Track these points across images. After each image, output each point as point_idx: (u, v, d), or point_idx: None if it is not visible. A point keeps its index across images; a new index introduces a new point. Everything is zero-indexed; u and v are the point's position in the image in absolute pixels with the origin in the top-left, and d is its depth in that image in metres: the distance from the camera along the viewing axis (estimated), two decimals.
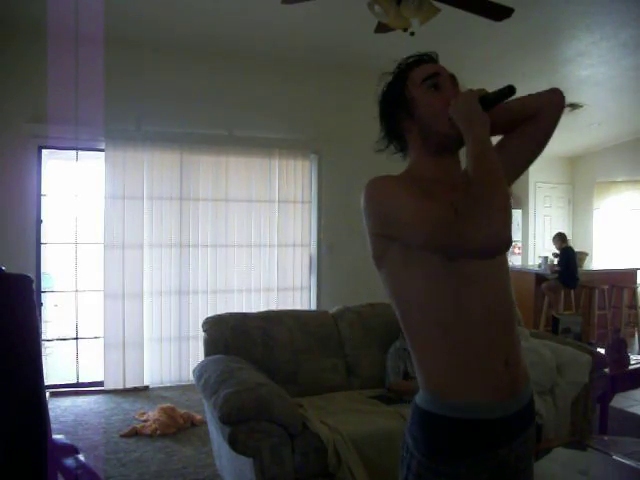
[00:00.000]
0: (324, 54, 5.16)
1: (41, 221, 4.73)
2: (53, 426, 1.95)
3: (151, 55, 4.86)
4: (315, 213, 5.57)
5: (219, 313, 3.40)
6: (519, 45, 4.93)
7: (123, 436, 3.68)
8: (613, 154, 8.03)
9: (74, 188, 5.15)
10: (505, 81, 1.22)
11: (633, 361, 3.82)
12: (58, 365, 5.46)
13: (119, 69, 4.62)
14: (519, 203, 8.22)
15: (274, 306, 5.15)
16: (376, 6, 2.89)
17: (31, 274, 1.81)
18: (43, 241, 4.77)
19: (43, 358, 1.83)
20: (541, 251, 8.18)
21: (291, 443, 2.41)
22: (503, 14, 3.13)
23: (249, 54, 5.06)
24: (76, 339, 5.15)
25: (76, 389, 4.73)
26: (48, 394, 4.24)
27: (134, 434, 3.71)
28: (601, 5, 4.23)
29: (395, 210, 1.13)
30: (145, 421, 3.89)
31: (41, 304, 4.81)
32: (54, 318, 6.84)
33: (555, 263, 6.82)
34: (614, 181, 8.24)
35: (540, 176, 8.35)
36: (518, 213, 8.29)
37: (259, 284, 5.31)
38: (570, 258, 6.55)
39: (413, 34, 3.03)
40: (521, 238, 8.49)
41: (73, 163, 5.06)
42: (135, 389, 4.78)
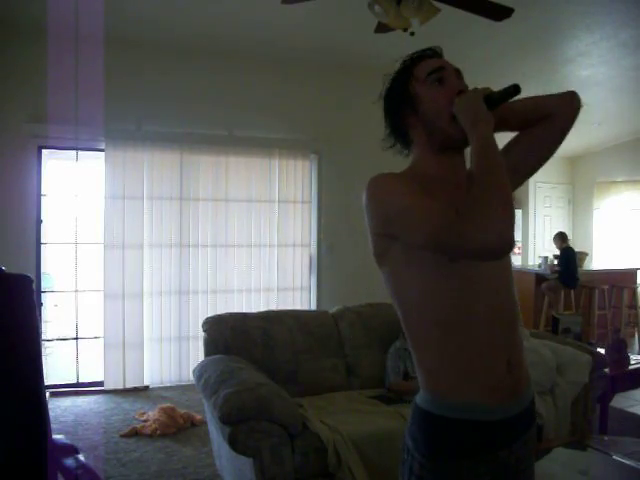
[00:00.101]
0: (324, 54, 5.15)
1: (41, 221, 4.72)
2: (53, 426, 1.94)
3: (151, 55, 4.86)
4: (315, 213, 5.56)
5: (219, 313, 3.40)
6: (519, 45, 4.93)
7: (123, 436, 3.68)
8: (613, 154, 8.03)
9: (74, 188, 5.15)
10: (505, 81, 1.22)
11: (633, 361, 3.82)
12: (58, 365, 5.46)
13: (119, 69, 4.62)
14: (519, 203, 8.23)
15: (274, 306, 5.15)
16: (376, 6, 2.89)
17: (31, 274, 1.81)
18: (43, 241, 4.77)
19: (43, 358, 1.82)
20: (541, 251, 8.19)
21: (291, 443, 2.41)
22: (503, 14, 3.13)
23: (249, 54, 5.06)
24: (76, 339, 5.15)
25: (76, 389, 4.74)
26: (48, 394, 4.24)
27: (134, 434, 3.71)
28: (601, 5, 4.23)
29: (396, 210, 1.11)
30: (145, 421, 3.89)
31: (41, 304, 4.81)
32: (54, 318, 6.84)
33: (555, 263, 6.83)
34: (614, 181, 8.23)
35: (540, 176, 8.30)
36: (518, 213, 8.29)
37: (259, 284, 5.31)
38: (570, 258, 6.55)
39: (413, 34, 3.04)
40: (521, 238, 8.50)
41: (73, 163, 5.06)
42: (135, 389, 4.78)
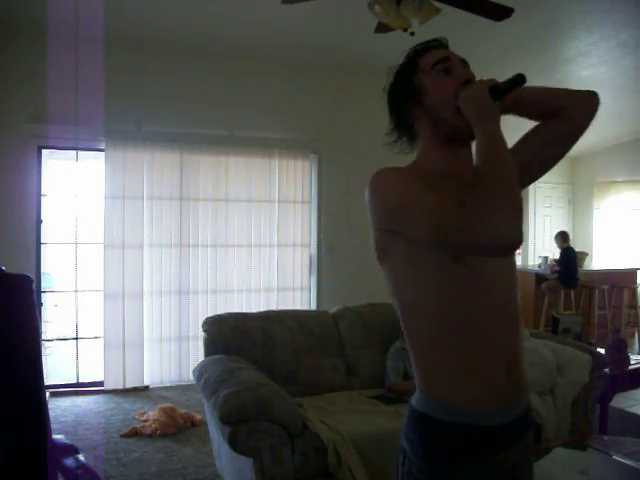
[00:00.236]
0: (324, 54, 5.15)
1: (41, 221, 4.72)
2: (53, 426, 1.94)
3: (151, 55, 4.86)
4: (315, 213, 5.56)
5: (219, 313, 3.40)
6: (519, 45, 4.93)
7: (123, 436, 3.68)
8: (613, 154, 8.02)
9: (74, 188, 5.15)
10: None
11: (633, 361, 3.82)
12: (58, 365, 5.46)
13: (119, 69, 4.63)
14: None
15: (274, 306, 5.14)
16: (376, 6, 2.89)
17: (31, 274, 1.81)
18: (43, 241, 4.77)
19: (43, 358, 1.82)
20: (541, 251, 8.17)
21: (291, 443, 2.41)
22: (503, 14, 3.13)
23: (249, 54, 5.06)
24: (76, 339, 5.15)
25: (76, 389, 4.73)
26: (48, 394, 4.24)
27: (134, 434, 3.71)
28: (601, 5, 4.23)
29: (398, 205, 1.08)
30: (145, 421, 3.89)
31: (41, 304, 4.81)
32: (54, 318, 6.84)
33: (555, 263, 6.83)
34: (614, 181, 8.23)
35: None
36: None
37: (259, 284, 5.31)
38: (570, 258, 6.55)
39: (413, 34, 3.03)
40: None
41: (73, 163, 5.06)
42: (135, 389, 4.78)
